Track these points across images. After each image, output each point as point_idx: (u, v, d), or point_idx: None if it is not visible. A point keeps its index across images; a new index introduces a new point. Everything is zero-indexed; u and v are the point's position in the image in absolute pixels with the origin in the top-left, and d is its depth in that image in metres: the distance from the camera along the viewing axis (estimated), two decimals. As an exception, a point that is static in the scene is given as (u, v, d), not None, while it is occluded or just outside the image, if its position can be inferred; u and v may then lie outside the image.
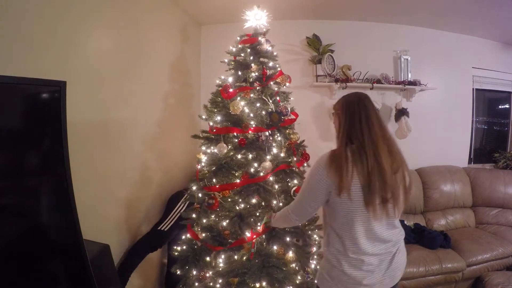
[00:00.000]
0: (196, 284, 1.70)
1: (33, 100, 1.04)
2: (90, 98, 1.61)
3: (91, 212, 1.52)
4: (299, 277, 1.71)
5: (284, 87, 1.92)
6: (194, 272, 1.74)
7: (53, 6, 1.34)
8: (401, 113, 3.07)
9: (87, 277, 1.16)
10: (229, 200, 1.72)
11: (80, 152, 1.49)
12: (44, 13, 1.30)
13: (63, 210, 1.12)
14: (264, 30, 1.88)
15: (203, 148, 1.86)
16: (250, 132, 1.72)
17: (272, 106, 1.80)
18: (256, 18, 1.83)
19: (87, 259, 1.15)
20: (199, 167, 1.84)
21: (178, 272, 1.82)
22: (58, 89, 1.05)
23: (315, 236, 1.89)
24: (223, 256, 1.69)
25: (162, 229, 2.10)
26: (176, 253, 1.84)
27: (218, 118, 1.79)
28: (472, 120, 3.52)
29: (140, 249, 2.03)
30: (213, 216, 1.76)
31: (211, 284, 1.67)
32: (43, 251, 1.06)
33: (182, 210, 2.10)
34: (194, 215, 1.79)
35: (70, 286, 1.19)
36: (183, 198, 2.14)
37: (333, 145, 1.21)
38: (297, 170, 1.83)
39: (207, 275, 1.67)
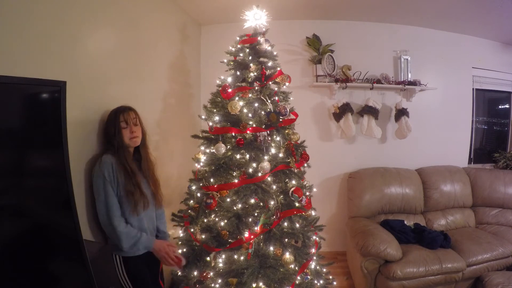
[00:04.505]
0: (197, 286, 1.70)
1: (33, 100, 1.04)
2: (90, 98, 1.61)
3: (91, 212, 1.52)
4: (298, 278, 1.71)
5: (284, 87, 1.91)
6: (195, 273, 1.74)
7: (53, 6, 1.34)
8: (401, 113, 3.08)
9: (87, 277, 1.17)
10: (227, 200, 1.72)
11: (80, 152, 1.49)
12: (44, 13, 1.30)
13: (63, 210, 1.12)
14: (264, 30, 1.88)
15: (202, 148, 1.86)
16: (248, 132, 1.72)
17: (270, 106, 1.80)
18: (255, 18, 1.83)
19: (87, 259, 1.16)
20: (198, 166, 1.84)
21: (179, 274, 1.82)
22: (58, 89, 1.06)
23: (314, 237, 1.88)
24: (223, 256, 1.69)
25: None
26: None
27: (217, 118, 1.79)
28: (472, 120, 3.52)
29: None
30: (212, 216, 1.76)
31: (212, 284, 1.66)
32: (43, 251, 1.06)
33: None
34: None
35: (70, 286, 1.19)
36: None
37: (333, 145, 1.20)
38: (296, 170, 1.83)
39: (208, 276, 1.67)
